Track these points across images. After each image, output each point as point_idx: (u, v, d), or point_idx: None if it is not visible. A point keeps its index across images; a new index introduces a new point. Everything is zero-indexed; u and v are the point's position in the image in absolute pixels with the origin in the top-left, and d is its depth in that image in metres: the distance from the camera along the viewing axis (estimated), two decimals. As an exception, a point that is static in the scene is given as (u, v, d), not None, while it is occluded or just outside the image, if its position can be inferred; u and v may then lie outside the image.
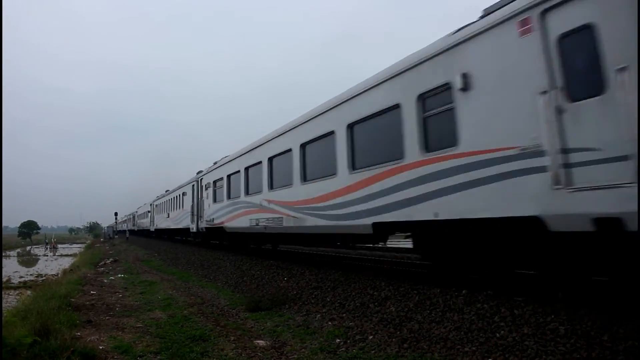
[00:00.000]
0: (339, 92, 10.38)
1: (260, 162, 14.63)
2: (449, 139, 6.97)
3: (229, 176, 18.33)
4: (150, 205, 46.94)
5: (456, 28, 7.31)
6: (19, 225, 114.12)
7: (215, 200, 20.33)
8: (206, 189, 21.81)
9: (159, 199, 41.36)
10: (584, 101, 5.19)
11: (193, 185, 25.05)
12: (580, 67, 5.35)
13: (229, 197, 18.25)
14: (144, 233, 58.65)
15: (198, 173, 24.57)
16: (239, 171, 16.88)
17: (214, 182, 20.59)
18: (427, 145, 7.49)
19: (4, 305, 12.93)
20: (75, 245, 71.26)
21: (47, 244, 74.85)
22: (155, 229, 44.42)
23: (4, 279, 22.93)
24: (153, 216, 45.06)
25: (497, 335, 5.41)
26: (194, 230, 24.49)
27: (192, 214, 24.89)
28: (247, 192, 15.94)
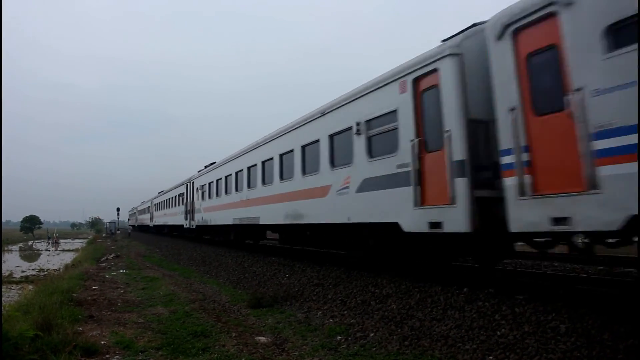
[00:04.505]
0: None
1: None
2: None
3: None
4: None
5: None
6: (21, 219, 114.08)
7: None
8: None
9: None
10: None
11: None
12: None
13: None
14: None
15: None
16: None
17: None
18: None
19: (5, 299, 12.98)
20: (77, 241, 71.26)
21: (49, 238, 74.90)
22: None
23: (6, 274, 22.98)
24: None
25: (498, 333, 5.43)
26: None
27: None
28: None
